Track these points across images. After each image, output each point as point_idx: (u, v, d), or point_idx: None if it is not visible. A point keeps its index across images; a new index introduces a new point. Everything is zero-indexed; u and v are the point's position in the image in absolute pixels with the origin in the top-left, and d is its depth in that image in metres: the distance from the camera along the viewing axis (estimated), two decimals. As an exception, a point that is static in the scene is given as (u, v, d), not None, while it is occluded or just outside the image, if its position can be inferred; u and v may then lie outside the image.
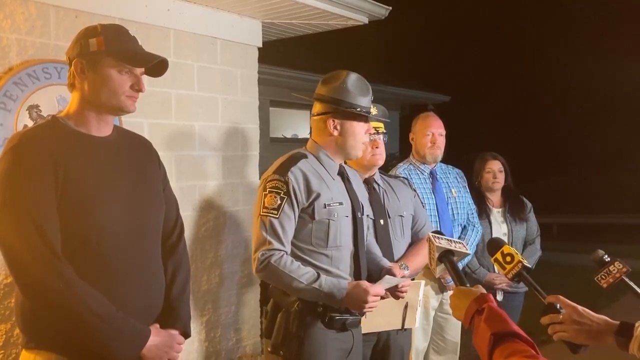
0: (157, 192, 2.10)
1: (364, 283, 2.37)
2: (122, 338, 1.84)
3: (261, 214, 2.39)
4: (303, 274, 2.33)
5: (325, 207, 2.41)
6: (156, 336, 1.94)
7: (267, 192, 2.40)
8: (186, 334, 2.09)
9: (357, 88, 2.49)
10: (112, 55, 1.88)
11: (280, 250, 2.35)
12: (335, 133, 2.50)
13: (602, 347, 1.75)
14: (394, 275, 2.54)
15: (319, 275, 2.34)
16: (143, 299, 1.96)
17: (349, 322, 2.46)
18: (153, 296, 2.02)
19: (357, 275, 2.49)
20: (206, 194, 3.91)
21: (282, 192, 2.38)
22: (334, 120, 2.49)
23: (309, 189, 2.40)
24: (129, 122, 3.12)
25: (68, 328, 1.81)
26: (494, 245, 1.99)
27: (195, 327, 3.76)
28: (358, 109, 2.47)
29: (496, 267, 2.04)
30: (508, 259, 1.92)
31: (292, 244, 2.42)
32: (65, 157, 1.84)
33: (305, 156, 2.51)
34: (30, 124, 2.89)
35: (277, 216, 2.36)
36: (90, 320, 1.79)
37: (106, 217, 1.88)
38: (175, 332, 2.03)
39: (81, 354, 1.83)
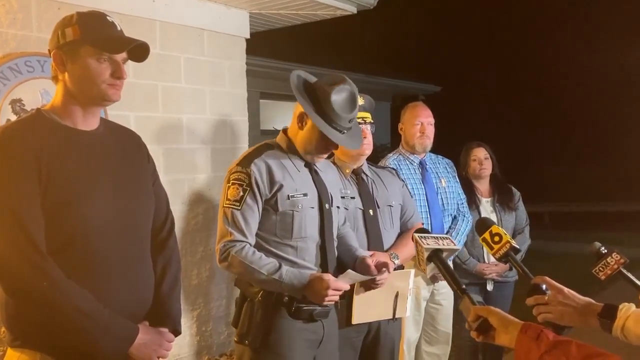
0: (146, 187, 2.06)
1: (327, 276, 2.34)
2: (109, 335, 1.80)
3: (224, 205, 2.41)
4: (264, 264, 2.33)
5: (288, 199, 2.41)
6: (145, 334, 1.90)
7: (230, 184, 2.42)
8: (176, 332, 2.05)
9: (339, 105, 2.41)
10: (89, 43, 1.84)
11: (242, 241, 2.36)
12: (303, 128, 2.48)
13: (587, 329, 1.74)
14: (367, 264, 2.53)
15: (280, 266, 2.34)
16: (131, 296, 1.93)
17: (316, 313, 2.44)
18: (142, 293, 1.98)
19: (323, 267, 2.48)
20: (195, 187, 3.88)
21: (245, 184, 2.38)
22: (307, 120, 2.46)
23: (271, 180, 2.40)
24: (114, 115, 3.08)
25: (53, 326, 1.77)
26: (482, 225, 1.97)
27: (186, 321, 3.75)
28: (332, 124, 2.41)
29: (484, 247, 2.01)
30: (496, 238, 1.90)
31: (258, 235, 2.42)
32: (49, 152, 1.80)
33: (272, 147, 2.51)
34: (13, 118, 2.85)
35: (240, 208, 2.37)
36: (76, 318, 1.76)
37: (92, 212, 1.84)
38: (164, 330, 1.99)
39: (67, 352, 1.80)
